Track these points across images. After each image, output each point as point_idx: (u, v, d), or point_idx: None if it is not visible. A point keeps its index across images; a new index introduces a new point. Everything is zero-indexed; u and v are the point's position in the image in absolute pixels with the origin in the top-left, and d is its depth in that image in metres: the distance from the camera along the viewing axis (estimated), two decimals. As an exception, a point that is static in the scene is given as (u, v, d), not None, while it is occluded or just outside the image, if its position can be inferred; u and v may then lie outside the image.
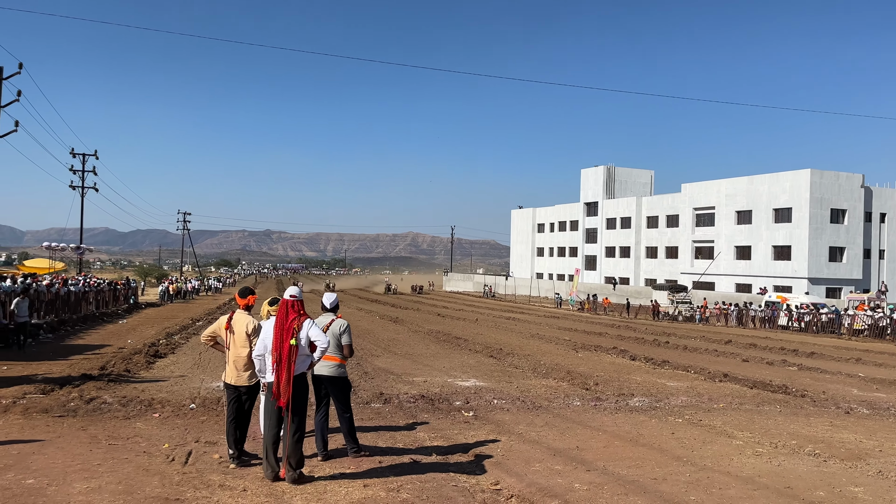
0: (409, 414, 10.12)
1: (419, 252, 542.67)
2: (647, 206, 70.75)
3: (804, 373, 17.30)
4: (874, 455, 8.28)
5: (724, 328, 37.38)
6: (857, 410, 11.75)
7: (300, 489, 6.21)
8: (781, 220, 55.64)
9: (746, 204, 58.38)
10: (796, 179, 54.43)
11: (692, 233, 64.05)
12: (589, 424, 9.70)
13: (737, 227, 59.39)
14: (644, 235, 71.01)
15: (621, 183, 77.81)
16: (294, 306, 6.50)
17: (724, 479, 7.01)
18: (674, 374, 15.71)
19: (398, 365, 16.02)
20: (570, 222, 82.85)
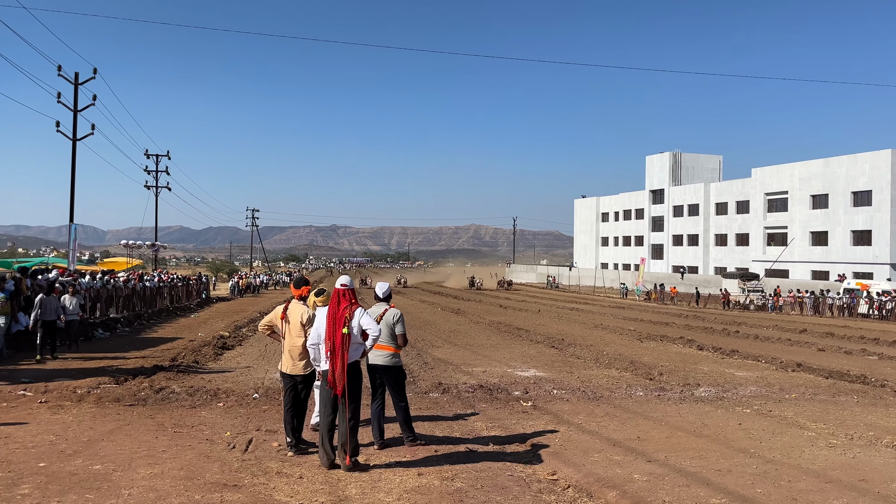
0: (467, 404, 10.08)
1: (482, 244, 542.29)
2: (716, 193, 68.59)
3: (885, 362, 16.43)
4: (961, 448, 7.75)
5: (798, 317, 35.92)
6: (943, 401, 11.05)
7: (355, 477, 6.25)
8: (861, 204, 53.01)
9: (822, 187, 55.88)
10: (877, 160, 51.72)
11: (764, 219, 61.77)
12: (651, 415, 9.44)
13: (812, 212, 56.94)
14: (713, 222, 68.90)
15: (688, 169, 75.67)
16: (345, 295, 6.53)
17: (794, 471, 6.68)
18: (743, 364, 15.16)
19: (458, 355, 16.01)
20: (634, 211, 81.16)
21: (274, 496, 5.72)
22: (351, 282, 6.76)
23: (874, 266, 51.26)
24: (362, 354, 6.61)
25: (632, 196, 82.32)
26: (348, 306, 6.47)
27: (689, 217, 71.85)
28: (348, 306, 6.47)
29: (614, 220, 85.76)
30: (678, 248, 73.52)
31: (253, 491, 5.82)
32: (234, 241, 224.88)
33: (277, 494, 5.77)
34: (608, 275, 74.48)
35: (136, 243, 45.92)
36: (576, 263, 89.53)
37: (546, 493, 6.08)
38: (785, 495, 5.96)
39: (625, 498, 5.91)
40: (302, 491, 5.86)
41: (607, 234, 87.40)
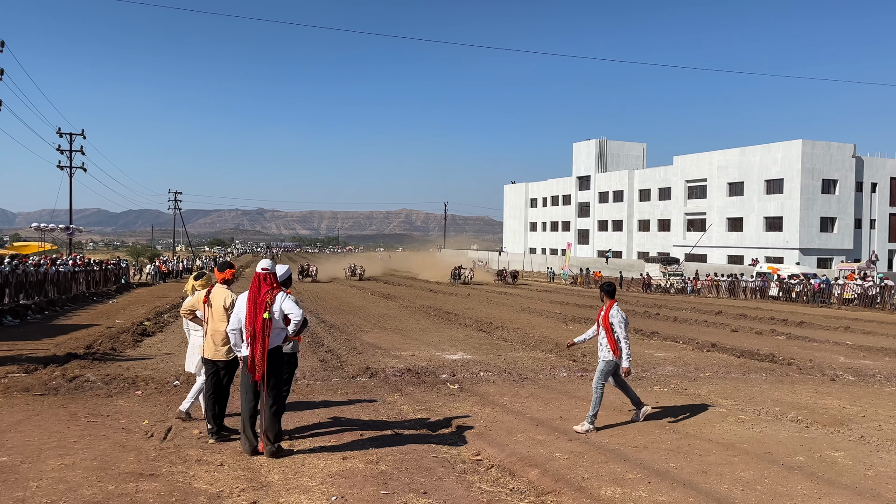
0: (395, 387, 10.10)
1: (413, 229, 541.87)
2: (640, 180, 70.62)
3: (792, 342, 17.36)
4: (857, 421, 8.29)
5: (715, 299, 37.51)
6: (842, 377, 11.78)
7: (277, 463, 6.17)
8: (773, 192, 55.64)
9: (738, 175, 58.33)
10: (788, 150, 54.35)
11: (684, 205, 64.05)
12: (574, 395, 9.69)
13: (728, 199, 59.41)
14: (636, 208, 70.98)
15: (613, 156, 77.57)
16: (266, 279, 6.40)
17: (706, 445, 7.00)
18: (662, 345, 15.73)
19: (387, 340, 15.99)
20: (562, 196, 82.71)
21: (193, 484, 5.58)
22: (272, 265, 6.62)
23: (784, 251, 54.01)
24: (285, 339, 6.50)
25: (559, 182, 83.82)
26: (269, 290, 6.34)
27: (614, 203, 73.76)
28: (269, 290, 6.34)
29: (542, 206, 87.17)
30: (603, 233, 75.45)
31: (171, 480, 5.67)
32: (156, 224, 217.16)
33: (197, 482, 5.63)
34: (536, 259, 75.79)
35: (49, 226, 43.64)
36: (505, 248, 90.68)
37: (470, 474, 6.17)
38: (696, 468, 6.23)
39: (546, 476, 6.06)
40: (222, 478, 5.75)
41: (536, 219, 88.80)
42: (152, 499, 5.21)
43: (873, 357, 14.80)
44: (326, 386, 10.16)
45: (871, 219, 57.35)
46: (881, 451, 6.86)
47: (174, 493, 5.33)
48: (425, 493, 5.54)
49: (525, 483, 5.94)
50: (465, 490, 5.69)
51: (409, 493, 5.52)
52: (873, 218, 57.38)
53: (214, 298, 7.01)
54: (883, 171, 57.50)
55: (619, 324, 7.62)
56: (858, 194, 56.13)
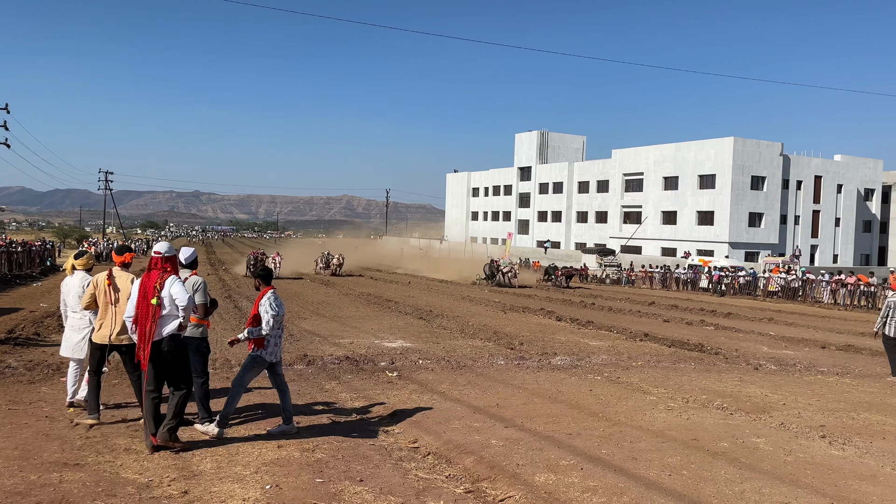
0: (333, 375, 10.02)
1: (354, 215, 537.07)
2: (579, 172, 71.80)
3: (720, 332, 18.01)
4: (778, 408, 8.68)
5: (648, 290, 38.57)
6: (765, 367, 12.31)
7: (210, 451, 6.06)
8: (706, 187, 57.45)
9: (673, 170, 59.96)
10: (720, 147, 56.15)
11: (621, 198, 65.48)
12: (510, 383, 9.82)
13: (664, 193, 61.03)
14: (575, 200, 72.18)
15: (554, 148, 78.60)
16: (158, 264, 6.12)
17: (636, 432, 7.21)
18: (597, 334, 16.10)
19: (326, 327, 15.84)
20: (503, 186, 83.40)
21: (120, 474, 5.43)
22: (170, 249, 6.33)
23: (715, 244, 55.93)
24: (180, 327, 6.12)
25: (501, 172, 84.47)
26: (161, 275, 6.06)
27: (554, 194, 74.82)
28: (161, 275, 6.06)
29: (484, 196, 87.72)
30: (543, 223, 76.49)
31: (97, 469, 5.49)
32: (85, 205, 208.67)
33: (124, 472, 5.47)
34: (477, 248, 76.25)
35: (-32, 204, 41.39)
36: (446, 237, 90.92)
37: (406, 461, 6.19)
38: (627, 455, 6.41)
39: (481, 463, 6.13)
40: (152, 468, 5.60)
41: (477, 208, 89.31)
42: (77, 489, 5.04)
43: (794, 347, 15.51)
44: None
45: (796, 215, 59.87)
46: (800, 437, 7.21)
47: (100, 483, 5.17)
48: (361, 481, 5.53)
49: (461, 470, 6.00)
50: (401, 477, 5.71)
51: (345, 481, 5.50)
52: (797, 214, 59.91)
53: (120, 280, 6.77)
54: (808, 170, 60.07)
55: (267, 312, 6.75)
56: (784, 191, 58.48)
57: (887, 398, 9.80)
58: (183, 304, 6.00)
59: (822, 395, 9.73)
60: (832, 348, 15.52)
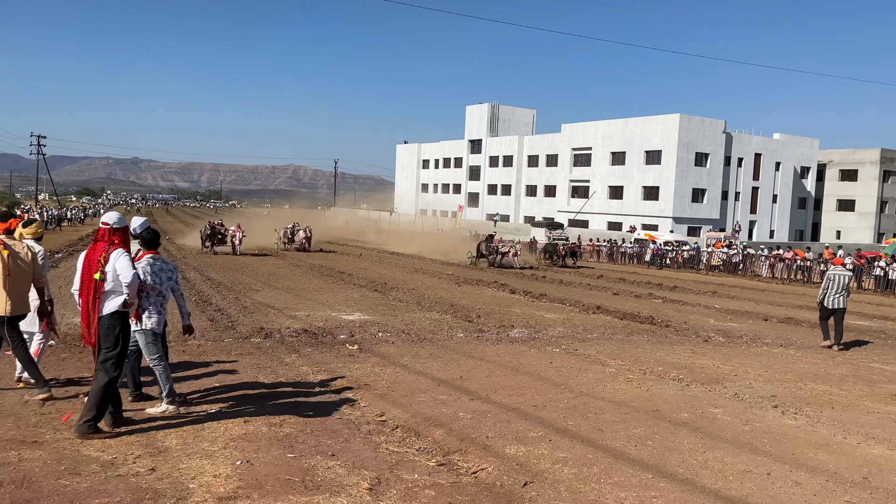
0: (292, 348, 9.89)
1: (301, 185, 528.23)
2: (529, 145, 72.17)
3: (668, 305, 18.48)
4: (730, 379, 8.98)
5: (596, 264, 39.25)
6: (714, 339, 12.69)
7: (175, 427, 5.91)
8: (652, 162, 58.53)
9: (621, 146, 60.84)
10: (667, 123, 57.18)
11: (570, 172, 66.18)
12: (472, 355, 9.88)
13: (611, 168, 61.94)
14: (525, 174, 72.62)
15: (505, 121, 78.70)
16: (105, 235, 5.70)
17: (600, 403, 7.36)
18: (551, 307, 16.31)
19: (280, 299, 15.61)
20: (454, 159, 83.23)
21: (82, 451, 5.24)
22: (120, 219, 5.85)
23: (659, 219, 57.22)
24: (125, 304, 5.64)
25: (452, 144, 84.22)
26: (106, 248, 5.62)
27: (504, 168, 75.09)
28: (106, 248, 5.62)
29: (434, 168, 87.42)
30: (493, 196, 76.80)
31: (57, 447, 5.29)
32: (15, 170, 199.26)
33: (86, 449, 5.29)
34: (427, 220, 76.19)
35: None
36: (396, 209, 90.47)
37: (375, 435, 6.17)
38: (593, 426, 6.54)
39: (451, 436, 6.15)
40: (115, 445, 5.43)
41: (427, 180, 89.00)
42: (39, 468, 4.85)
43: (739, 320, 16.04)
44: (219, 347, 9.79)
45: (736, 191, 61.64)
46: (754, 407, 7.48)
47: (62, 462, 4.99)
48: (333, 456, 5.48)
49: (431, 443, 6.01)
50: (372, 451, 5.68)
51: (317, 456, 5.44)
52: (738, 191, 61.69)
53: (17, 247, 6.44)
54: (748, 148, 61.77)
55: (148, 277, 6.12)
56: (726, 168, 60.05)
57: (830, 369, 10.25)
58: (127, 280, 5.54)
59: (769, 367, 10.10)
60: (774, 321, 16.09)
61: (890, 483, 5.28)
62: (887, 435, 6.60)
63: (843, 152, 69.31)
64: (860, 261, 28.82)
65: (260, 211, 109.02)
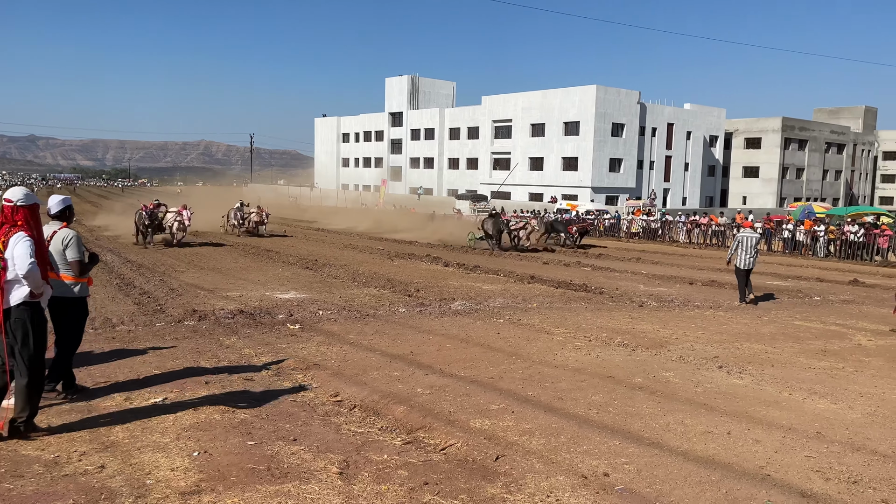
0: (231, 330, 9.48)
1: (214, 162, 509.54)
2: (450, 118, 72.03)
3: (597, 272, 18.88)
4: (672, 343, 9.22)
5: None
6: (648, 304, 13.04)
7: (121, 420, 5.52)
8: (570, 133, 59.55)
9: (540, 117, 61.56)
10: (584, 95, 58.19)
11: (491, 144, 66.55)
12: (419, 329, 9.75)
13: (531, 140, 62.67)
14: (447, 146, 72.54)
15: (425, 94, 78.14)
16: (8, 215, 4.98)
17: (555, 372, 7.39)
18: (486, 278, 16.36)
19: (208, 279, 14.99)
20: (375, 132, 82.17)
21: (20, 451, 4.82)
22: (28, 196, 5.10)
23: (579, 189, 58.45)
24: (32, 295, 5.00)
25: (372, 118, 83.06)
26: (8, 230, 4.93)
27: (426, 141, 74.76)
28: (8, 230, 4.93)
29: (355, 142, 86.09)
30: (416, 170, 76.42)
31: (-11, 449, 4.84)
32: None
33: (24, 449, 4.87)
34: (350, 195, 75.11)
35: None
36: (317, 184, 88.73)
37: (333, 416, 5.97)
38: (552, 395, 6.55)
39: (413, 412, 6.03)
40: (55, 443, 5.02)
41: (348, 154, 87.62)
42: (-28, 473, 4.41)
43: (666, 284, 16.56)
44: (151, 332, 9.28)
45: (651, 160, 63.63)
46: (701, 369, 7.70)
47: (1, 464, 4.56)
48: (295, 440, 5.26)
49: (392, 421, 5.87)
50: (335, 433, 5.49)
51: (279, 442, 5.21)
52: (652, 160, 63.69)
53: None
54: (661, 118, 63.72)
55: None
56: (641, 138, 61.82)
57: (760, 328, 10.70)
58: (23, 271, 4.83)
59: (705, 329, 10.45)
60: (699, 284, 16.70)
61: (842, 436, 5.53)
62: (827, 390, 6.92)
63: (747, 121, 72.53)
64: (770, 224, 30.34)
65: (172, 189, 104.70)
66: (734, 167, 72.02)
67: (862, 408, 6.32)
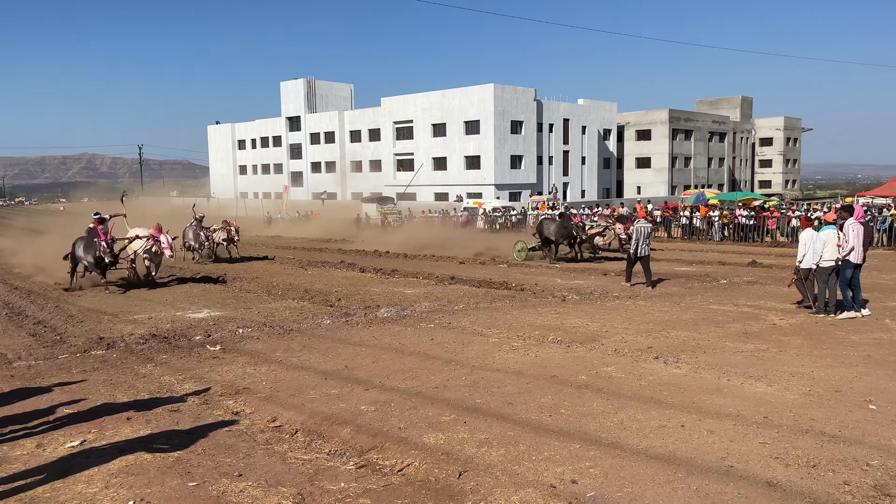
0: (145, 357, 8.79)
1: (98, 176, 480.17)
2: (350, 121, 71.16)
3: (513, 269, 19.02)
4: (603, 336, 9.30)
5: (431, 235, 39.74)
6: (570, 298, 13.19)
7: (33, 468, 4.91)
8: (472, 132, 60.13)
9: (441, 117, 61.81)
10: (482, 93, 58.89)
11: (394, 146, 66.21)
12: (349, 341, 9.39)
13: (433, 140, 62.81)
14: (348, 149, 71.62)
15: (322, 97, 76.85)
16: None
17: (498, 376, 7.25)
18: (407, 282, 16.12)
19: (109, 302, 13.96)
20: (272, 138, 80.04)
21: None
22: None
23: (483, 187, 59.10)
24: None
25: (268, 123, 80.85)
26: None
27: (326, 144, 73.52)
28: None
29: (252, 148, 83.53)
30: (317, 174, 75.01)
31: None
32: None
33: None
34: (250, 204, 72.72)
35: None
36: (214, 194, 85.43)
37: (276, 444, 5.58)
38: (501, 401, 6.40)
39: (360, 432, 5.73)
40: (-40, 506, 4.39)
41: (245, 162, 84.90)
42: None
43: (582, 277, 16.87)
44: (55, 365, 8.47)
45: (550, 156, 65.22)
46: (640, 361, 7.78)
47: None
48: (241, 476, 4.85)
49: (340, 444, 5.55)
50: (282, 464, 5.12)
51: (223, 479, 4.78)
52: (551, 155, 65.29)
53: None
54: (557, 114, 65.42)
55: None
56: (539, 134, 63.25)
57: (680, 315, 11.01)
58: None
59: (630, 319, 10.64)
60: (612, 274, 17.09)
61: (788, 420, 5.67)
62: (761, 372, 7.14)
63: (637, 114, 75.64)
64: (668, 212, 31.67)
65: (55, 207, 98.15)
66: (628, 159, 74.93)
67: (797, 388, 6.54)
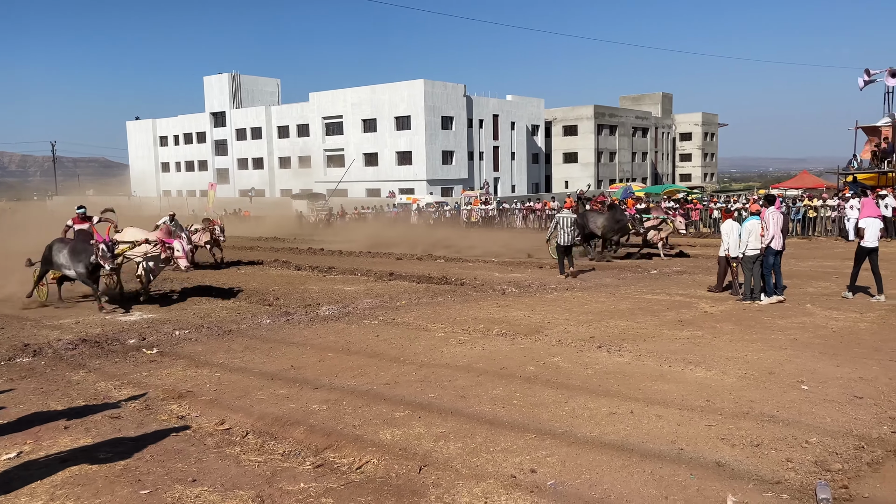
0: (76, 363, 8.41)
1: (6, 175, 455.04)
2: (277, 116, 69.85)
3: (451, 264, 19.11)
4: (546, 327, 9.48)
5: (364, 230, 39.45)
6: (509, 291, 13.36)
7: (-30, 488, 4.65)
8: (402, 128, 60.04)
9: (371, 113, 61.43)
10: (412, 89, 58.86)
11: (323, 141, 65.41)
12: (292, 341, 9.24)
13: (364, 135, 62.39)
14: (276, 145, 70.31)
15: (248, 92, 75.08)
16: None
17: (448, 371, 7.29)
18: (345, 279, 15.97)
19: (29, 308, 13.25)
20: (196, 134, 77.68)
21: None
22: None
23: (415, 182, 59.12)
24: None
25: (192, 118, 78.40)
26: None
27: (253, 140, 71.93)
28: None
29: (175, 145, 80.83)
30: (244, 171, 73.29)
31: None
32: None
33: None
34: (175, 202, 70.38)
35: None
36: (135, 192, 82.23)
37: (227, 447, 5.46)
38: (454, 394, 6.45)
39: (314, 431, 5.66)
40: None
41: (168, 159, 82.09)
42: None
43: (519, 270, 17.11)
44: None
45: (480, 151, 65.82)
46: (584, 351, 7.96)
47: None
48: (195, 481, 4.72)
49: (294, 444, 5.47)
50: (236, 467, 5.01)
51: (176, 485, 4.64)
52: (482, 150, 65.91)
53: None
54: (487, 110, 66.06)
55: None
56: (470, 130, 63.74)
57: (617, 304, 11.33)
58: None
59: (570, 310, 10.87)
60: (547, 267, 17.41)
61: (729, 402, 5.93)
62: (699, 358, 7.43)
63: (564, 110, 77.19)
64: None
65: None
66: (555, 154, 76.40)
67: (734, 372, 6.85)
